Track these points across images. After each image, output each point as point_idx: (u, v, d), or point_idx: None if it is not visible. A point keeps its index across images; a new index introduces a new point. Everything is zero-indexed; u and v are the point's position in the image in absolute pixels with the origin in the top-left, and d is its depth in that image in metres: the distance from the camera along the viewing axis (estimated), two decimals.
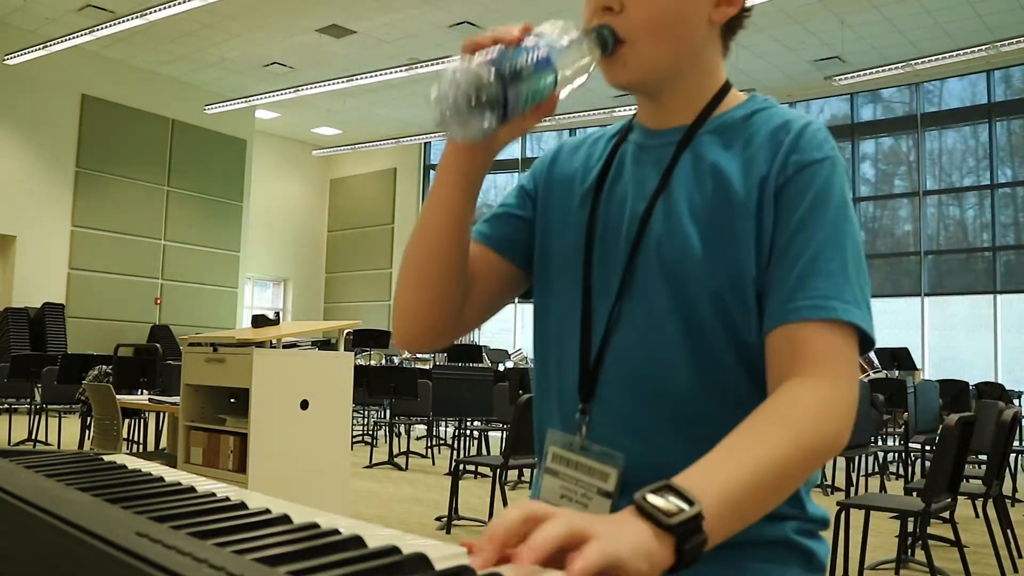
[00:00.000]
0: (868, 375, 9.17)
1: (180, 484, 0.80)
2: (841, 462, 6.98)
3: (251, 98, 14.17)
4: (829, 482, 6.96)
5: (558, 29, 0.87)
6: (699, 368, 0.90)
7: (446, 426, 10.34)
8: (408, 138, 16.16)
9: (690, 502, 0.67)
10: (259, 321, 4.56)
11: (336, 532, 0.61)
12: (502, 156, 0.99)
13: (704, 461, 0.75)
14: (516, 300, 1.15)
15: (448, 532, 4.95)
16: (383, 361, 13.03)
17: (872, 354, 9.79)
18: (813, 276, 0.84)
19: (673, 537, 0.65)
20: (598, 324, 0.96)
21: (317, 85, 13.03)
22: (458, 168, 0.95)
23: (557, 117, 15.06)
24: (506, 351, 13.76)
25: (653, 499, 0.67)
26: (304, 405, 4.00)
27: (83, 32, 11.44)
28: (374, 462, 7.79)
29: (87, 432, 6.04)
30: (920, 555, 4.10)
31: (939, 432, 3.98)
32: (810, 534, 0.94)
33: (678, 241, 0.91)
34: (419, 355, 13.32)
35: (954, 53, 10.69)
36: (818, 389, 0.80)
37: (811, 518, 0.94)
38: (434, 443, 9.06)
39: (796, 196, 0.87)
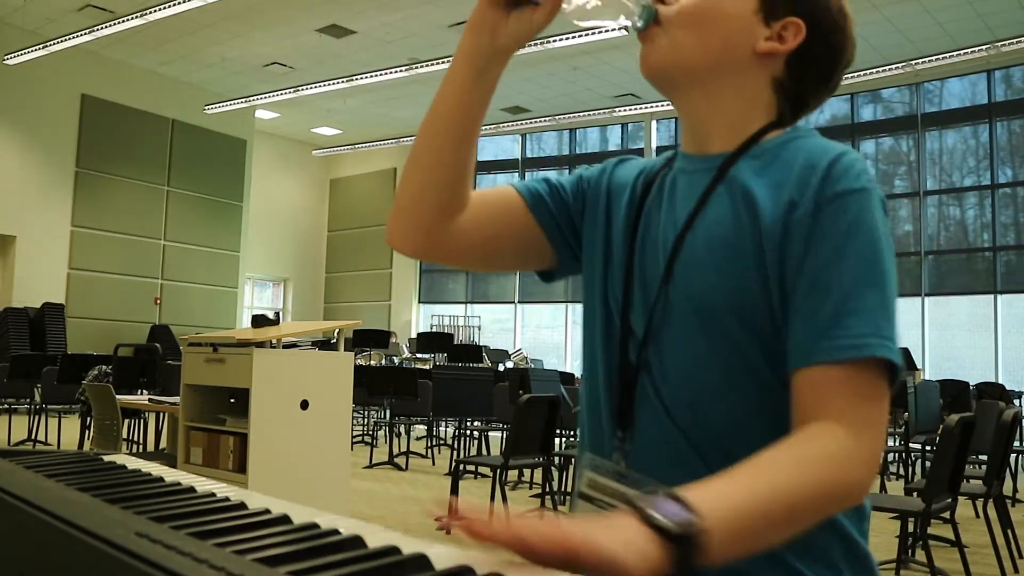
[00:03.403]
0: None
1: (180, 484, 0.80)
2: None
3: (251, 98, 14.17)
4: None
5: None
6: (740, 402, 0.88)
7: (446, 426, 10.34)
8: (408, 138, 16.15)
9: (695, 515, 0.67)
10: (259, 321, 4.56)
11: (336, 532, 0.61)
12: (502, 156, 0.99)
13: (718, 481, 0.74)
14: (536, 276, 1.11)
15: (448, 532, 4.94)
16: (383, 361, 13.03)
17: None
18: (848, 314, 0.82)
19: (672, 545, 0.65)
20: (633, 353, 0.95)
21: (317, 85, 13.03)
22: (465, 47, 0.97)
23: (557, 117, 15.07)
24: (506, 351, 13.77)
25: (658, 506, 0.67)
26: (304, 405, 4.00)
27: (83, 32, 11.44)
28: (374, 462, 7.79)
29: (87, 432, 6.04)
30: (921, 555, 4.10)
31: (939, 432, 3.98)
32: None
33: (705, 271, 0.90)
34: (419, 355, 13.33)
35: (954, 53, 10.69)
36: (844, 438, 0.79)
37: None
38: (434, 443, 9.05)
39: (829, 225, 0.85)
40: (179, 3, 10.27)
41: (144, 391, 6.78)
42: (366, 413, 10.46)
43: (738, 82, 0.96)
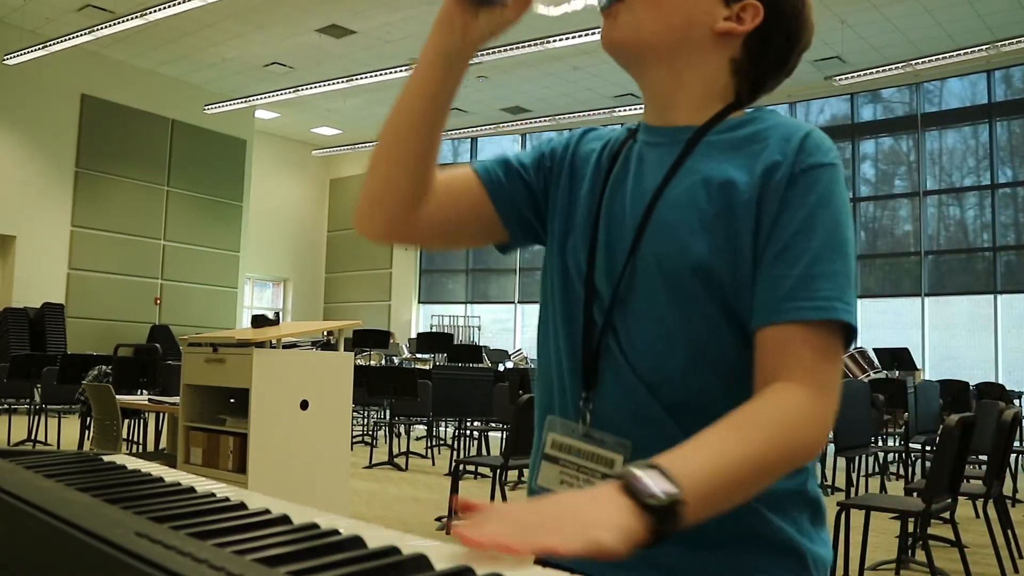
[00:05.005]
0: (868, 375, 9.17)
1: (180, 484, 0.80)
2: (841, 462, 6.97)
3: (251, 98, 14.17)
4: (829, 482, 6.96)
5: None
6: (702, 361, 0.92)
7: (446, 426, 10.34)
8: None
9: (674, 486, 0.71)
10: (259, 321, 4.56)
11: (336, 532, 0.61)
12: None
13: (689, 446, 0.78)
14: (496, 249, 1.16)
15: (448, 532, 4.95)
16: (383, 361, 13.03)
17: (872, 354, 9.79)
18: (816, 277, 0.87)
19: (653, 517, 0.69)
20: (599, 315, 0.98)
21: (317, 85, 13.03)
22: (434, 45, 0.99)
23: (557, 117, 15.06)
24: (506, 351, 13.76)
25: (640, 478, 0.71)
26: (304, 405, 4.00)
27: (83, 32, 11.44)
28: (374, 462, 7.79)
29: (87, 432, 6.04)
30: (921, 555, 4.10)
31: (939, 432, 3.98)
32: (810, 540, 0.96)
33: (674, 237, 0.93)
34: (419, 355, 13.33)
35: (954, 53, 10.69)
36: (807, 399, 0.84)
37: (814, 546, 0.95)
38: (434, 443, 9.05)
39: (801, 195, 0.90)
40: (179, 3, 10.26)
41: (144, 391, 6.77)
42: (366, 413, 10.46)
43: (697, 60, 0.99)
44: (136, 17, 10.77)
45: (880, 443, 7.61)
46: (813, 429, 0.84)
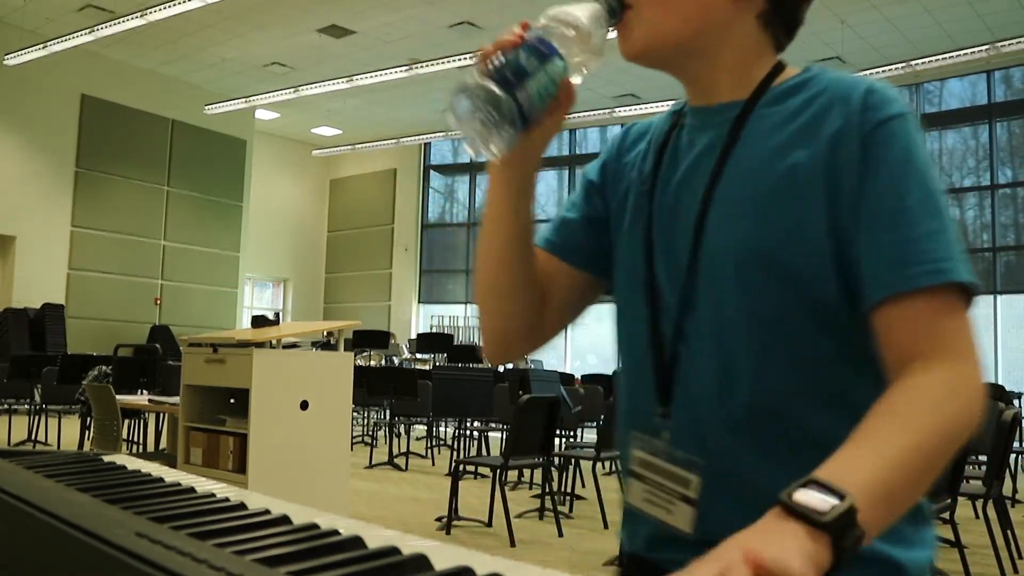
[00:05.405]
0: None
1: (180, 485, 0.80)
2: None
3: (251, 98, 14.16)
4: None
5: (560, 15, 0.88)
6: (771, 362, 0.86)
7: (446, 426, 10.34)
8: (408, 138, 16.16)
9: (840, 496, 0.65)
10: (259, 321, 4.56)
11: (336, 532, 0.61)
12: None
13: (849, 446, 0.72)
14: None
15: (448, 533, 4.95)
16: (383, 361, 13.03)
17: None
18: (919, 239, 0.80)
19: (829, 535, 0.63)
20: (668, 325, 0.92)
21: (317, 85, 13.02)
22: (503, 181, 0.97)
23: None
24: None
25: (800, 497, 0.65)
26: (304, 405, 4.00)
27: (83, 32, 11.44)
28: (374, 462, 7.79)
29: (87, 432, 6.04)
30: None
31: None
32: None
33: (737, 225, 0.87)
34: (419, 355, 13.33)
35: (954, 53, 10.69)
36: (952, 372, 0.78)
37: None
38: (434, 443, 9.05)
39: (880, 154, 0.82)
40: (179, 3, 10.27)
41: (144, 391, 6.78)
42: (366, 413, 10.46)
43: (725, 36, 0.93)
44: (136, 17, 10.77)
45: None
46: (970, 403, 0.77)
